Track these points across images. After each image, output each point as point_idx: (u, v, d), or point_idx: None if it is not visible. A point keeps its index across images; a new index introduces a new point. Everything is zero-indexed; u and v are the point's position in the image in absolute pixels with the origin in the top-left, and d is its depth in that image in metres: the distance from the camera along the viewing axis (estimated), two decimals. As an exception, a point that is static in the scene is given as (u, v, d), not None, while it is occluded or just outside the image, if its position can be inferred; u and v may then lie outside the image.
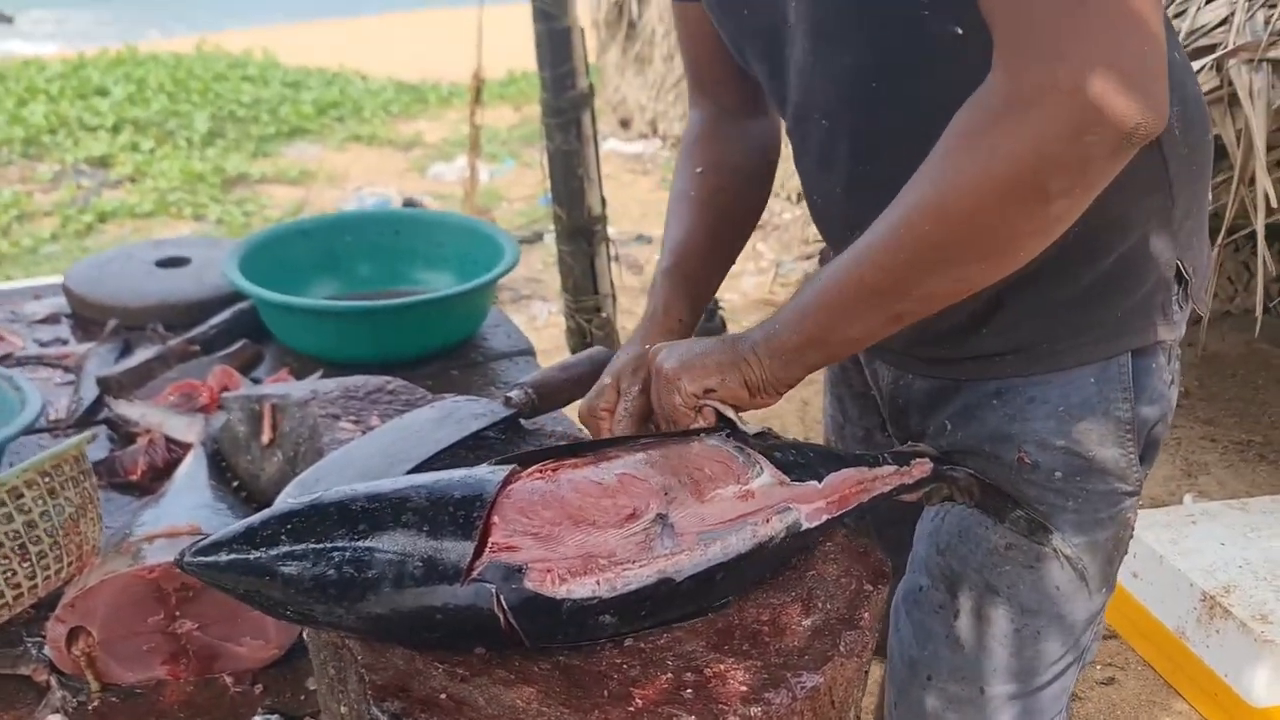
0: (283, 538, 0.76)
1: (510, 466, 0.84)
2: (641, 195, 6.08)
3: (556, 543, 0.80)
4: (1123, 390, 1.02)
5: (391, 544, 0.76)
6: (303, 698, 1.00)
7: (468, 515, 0.78)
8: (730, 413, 0.95)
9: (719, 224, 1.18)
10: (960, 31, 0.89)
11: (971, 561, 1.10)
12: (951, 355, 1.07)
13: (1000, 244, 0.84)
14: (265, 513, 0.79)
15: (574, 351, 2.20)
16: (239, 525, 0.78)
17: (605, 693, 0.77)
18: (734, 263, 1.22)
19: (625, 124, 7.58)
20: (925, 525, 1.16)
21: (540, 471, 0.86)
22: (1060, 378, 1.03)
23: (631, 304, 4.31)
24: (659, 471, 0.87)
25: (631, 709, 0.76)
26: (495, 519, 0.80)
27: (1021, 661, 1.11)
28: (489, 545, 0.79)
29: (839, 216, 1.09)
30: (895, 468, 0.99)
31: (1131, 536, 1.10)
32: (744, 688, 0.78)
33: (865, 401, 1.26)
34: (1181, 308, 1.05)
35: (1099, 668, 2.41)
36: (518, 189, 6.06)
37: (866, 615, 0.87)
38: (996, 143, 0.79)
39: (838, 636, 0.84)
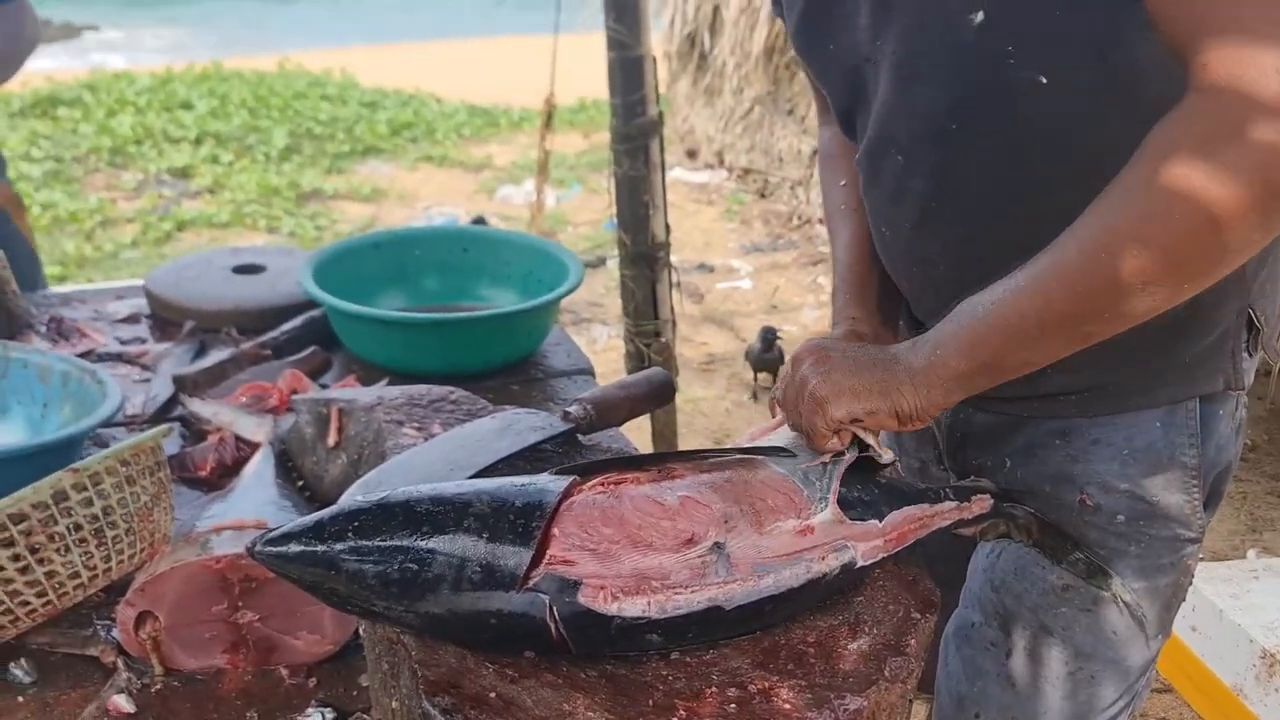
0: (349, 534, 0.79)
1: (572, 477, 0.86)
2: (705, 224, 6.11)
3: (613, 561, 0.81)
4: (1190, 435, 1.01)
5: (452, 547, 0.79)
6: (355, 693, 1.03)
7: (527, 525, 0.80)
8: (871, 440, 0.95)
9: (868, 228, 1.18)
10: (1044, 80, 0.90)
11: (1027, 600, 1.09)
12: (1016, 394, 1.06)
13: (1213, 265, 0.81)
14: (334, 508, 0.81)
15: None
16: (309, 519, 0.81)
17: (650, 702, 0.79)
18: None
19: (692, 154, 7.63)
20: (980, 561, 1.15)
21: (602, 484, 0.87)
22: (1125, 420, 1.02)
23: (691, 331, 4.33)
24: (721, 498, 0.87)
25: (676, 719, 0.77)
26: (555, 530, 0.82)
27: (1074, 705, 1.09)
28: (547, 557, 0.80)
29: (905, 251, 1.10)
30: (956, 504, 0.98)
31: (1191, 584, 1.08)
32: (788, 705, 0.79)
33: (923, 434, 1.26)
34: (1251, 355, 1.04)
35: (1153, 722, 2.36)
36: (583, 214, 6.13)
37: (913, 642, 0.87)
38: (1217, 169, 0.76)
39: (883, 661, 0.85)
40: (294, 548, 0.79)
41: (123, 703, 0.99)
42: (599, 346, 4.22)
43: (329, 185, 6.59)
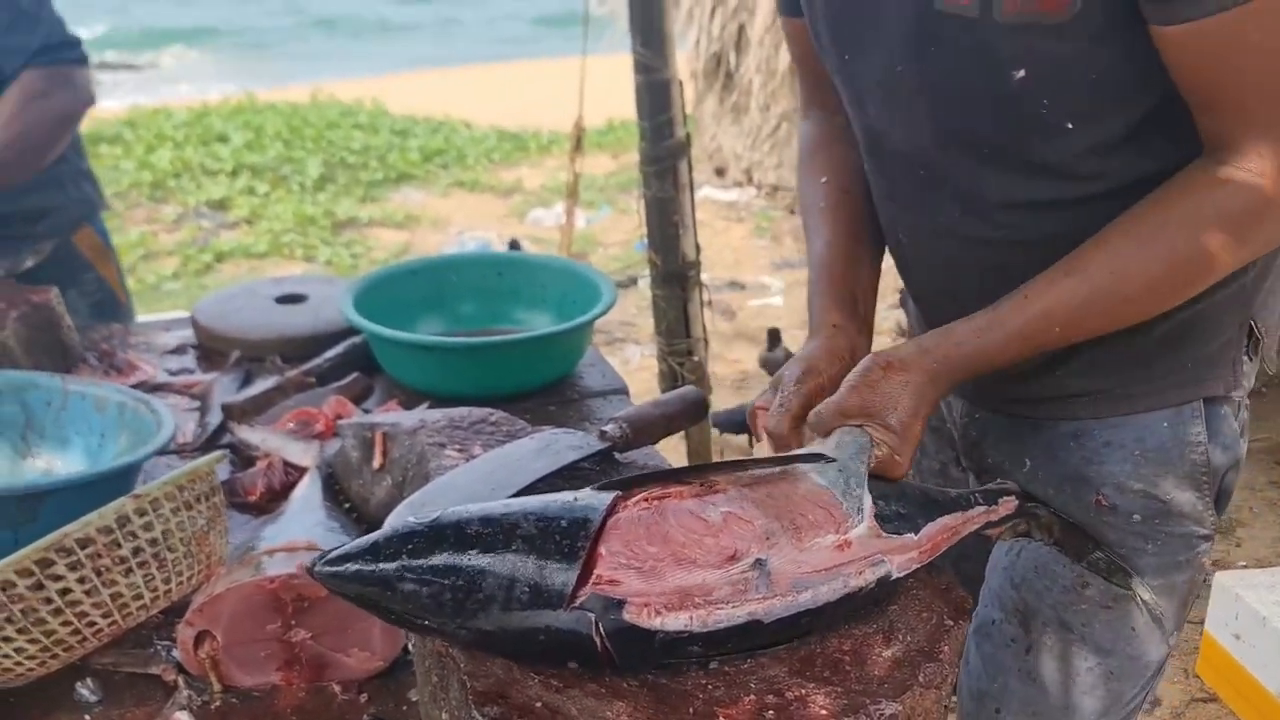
0: (404, 554, 0.82)
1: (615, 493, 0.88)
2: (735, 242, 6.15)
3: (657, 579, 0.84)
4: (1197, 434, 1.05)
5: (502, 567, 0.82)
6: (404, 708, 1.06)
7: (573, 545, 0.83)
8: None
9: (854, 225, 1.20)
10: (1070, 126, 0.96)
11: (1047, 598, 1.12)
12: (1027, 395, 1.11)
13: (1203, 286, 0.97)
14: (388, 530, 0.84)
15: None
16: (365, 540, 0.84)
17: (690, 710, 0.81)
18: (883, 257, 1.23)
19: (720, 172, 7.68)
20: (999, 559, 1.18)
21: (645, 500, 0.89)
22: (1134, 421, 1.06)
23: (723, 349, 4.36)
24: (763, 513, 0.89)
25: (716, 725, 0.80)
26: (601, 549, 0.84)
27: (1093, 700, 1.12)
28: (593, 576, 0.83)
29: (924, 259, 1.14)
30: (985, 508, 1.00)
31: (1204, 580, 1.12)
32: (824, 712, 0.81)
33: (940, 435, 1.29)
34: (1250, 360, 1.08)
35: (1198, 731, 2.34)
36: (613, 235, 6.19)
37: (946, 649, 0.89)
38: (1244, 238, 0.91)
39: (917, 668, 0.87)
40: (351, 568, 0.82)
41: (184, 719, 1.03)
42: (632, 366, 4.26)
43: (363, 213, 6.69)
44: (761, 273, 5.56)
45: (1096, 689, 1.12)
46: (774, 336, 3.95)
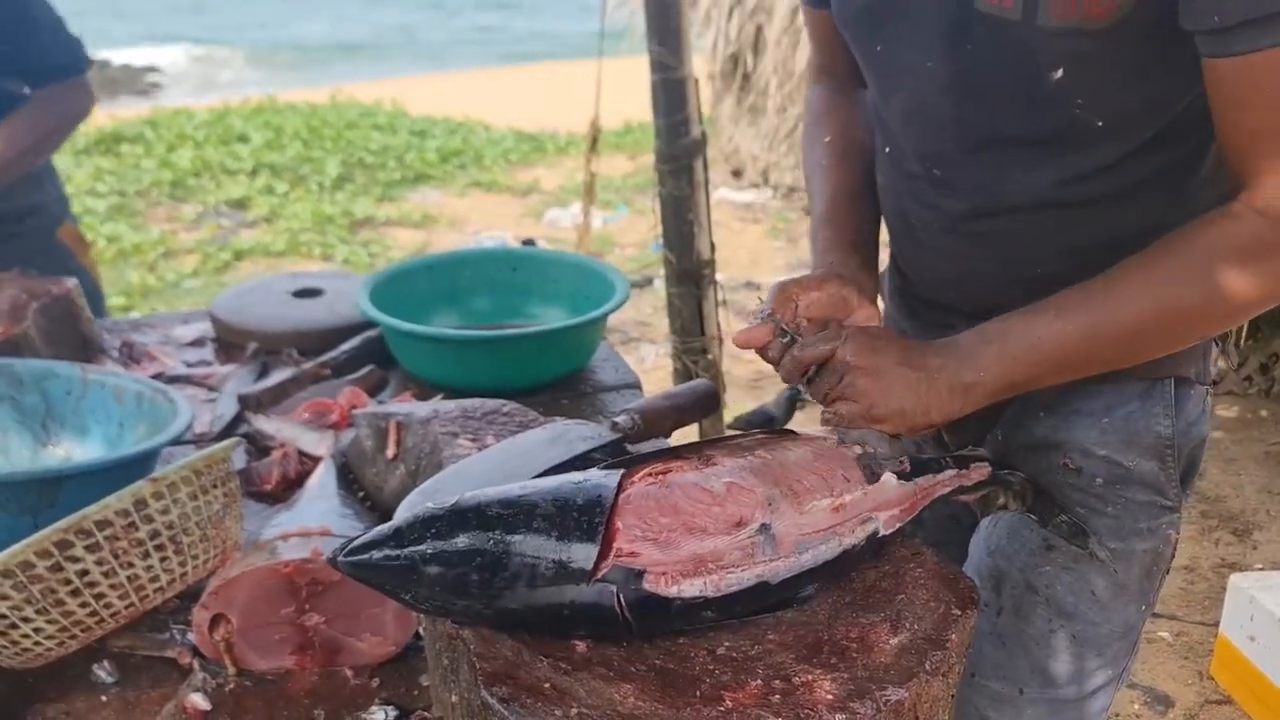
0: (428, 539, 0.83)
1: (621, 471, 0.91)
2: (751, 243, 6.15)
3: (673, 548, 0.87)
4: (1165, 407, 1.10)
5: (526, 546, 0.83)
6: (415, 692, 1.07)
7: (591, 521, 0.85)
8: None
9: (857, 183, 1.22)
10: (1100, 124, 0.98)
11: (1016, 561, 1.16)
12: None
13: (1226, 326, 1.02)
14: (410, 516, 0.85)
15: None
16: (387, 527, 0.85)
17: (698, 693, 0.82)
18: (875, 218, 1.23)
19: (737, 174, 7.68)
20: (979, 534, 1.22)
21: (650, 475, 0.92)
22: (1107, 391, 1.11)
23: (738, 349, 4.35)
24: (763, 481, 0.93)
25: (722, 709, 0.80)
26: (617, 524, 0.87)
27: (1057, 665, 1.15)
28: (613, 550, 0.85)
29: (937, 252, 1.16)
30: (956, 471, 1.05)
31: (1174, 556, 1.15)
32: (830, 696, 0.82)
33: None
34: (1220, 351, 1.14)
35: (1212, 733, 2.33)
36: (629, 235, 6.20)
37: (954, 638, 0.90)
38: (1262, 276, 0.92)
39: (924, 655, 0.87)
40: (376, 555, 0.83)
41: (199, 701, 1.04)
42: (647, 365, 4.27)
43: (381, 213, 6.73)
44: (777, 274, 5.56)
45: (1062, 654, 1.15)
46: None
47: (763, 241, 6.19)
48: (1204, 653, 2.58)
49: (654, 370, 4.17)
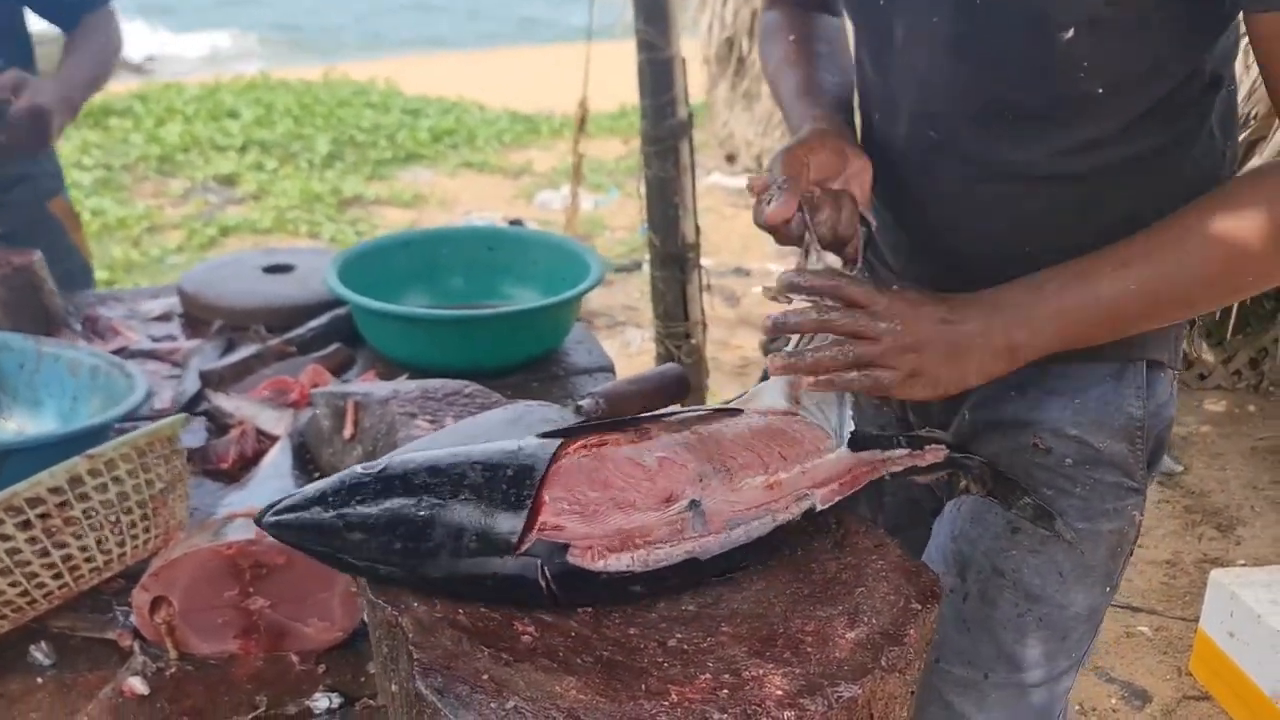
0: (352, 504, 0.83)
1: (558, 441, 0.89)
2: (742, 229, 6.10)
3: (599, 522, 0.86)
4: (1137, 390, 1.09)
5: (451, 516, 0.83)
6: (362, 680, 1.04)
7: (519, 494, 0.84)
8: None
9: (824, 70, 1.20)
10: (1100, 91, 0.96)
11: (980, 545, 1.14)
12: None
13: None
14: (336, 479, 0.85)
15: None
16: (312, 489, 0.84)
17: (643, 687, 0.79)
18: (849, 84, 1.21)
19: (731, 159, 7.63)
20: (943, 518, 1.20)
21: (585, 447, 0.90)
22: (1079, 372, 1.09)
23: (725, 335, 4.32)
24: (696, 457, 0.91)
25: (667, 704, 0.77)
26: (545, 497, 0.85)
27: (1025, 650, 1.14)
28: (538, 523, 0.84)
29: (932, 219, 1.14)
30: (908, 451, 1.02)
31: (1137, 538, 1.14)
32: (780, 692, 0.79)
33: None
34: (1189, 337, 1.12)
35: (1188, 729, 2.31)
36: (620, 218, 6.15)
37: (912, 633, 0.87)
38: None
39: (881, 651, 0.84)
40: (298, 516, 0.83)
41: (137, 685, 1.01)
42: (633, 350, 4.23)
43: (370, 191, 6.67)
44: (767, 260, 5.52)
45: (1029, 638, 1.13)
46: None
47: (753, 227, 6.14)
48: (1183, 648, 2.56)
49: (639, 355, 4.13)
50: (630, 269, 5.06)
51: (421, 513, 0.82)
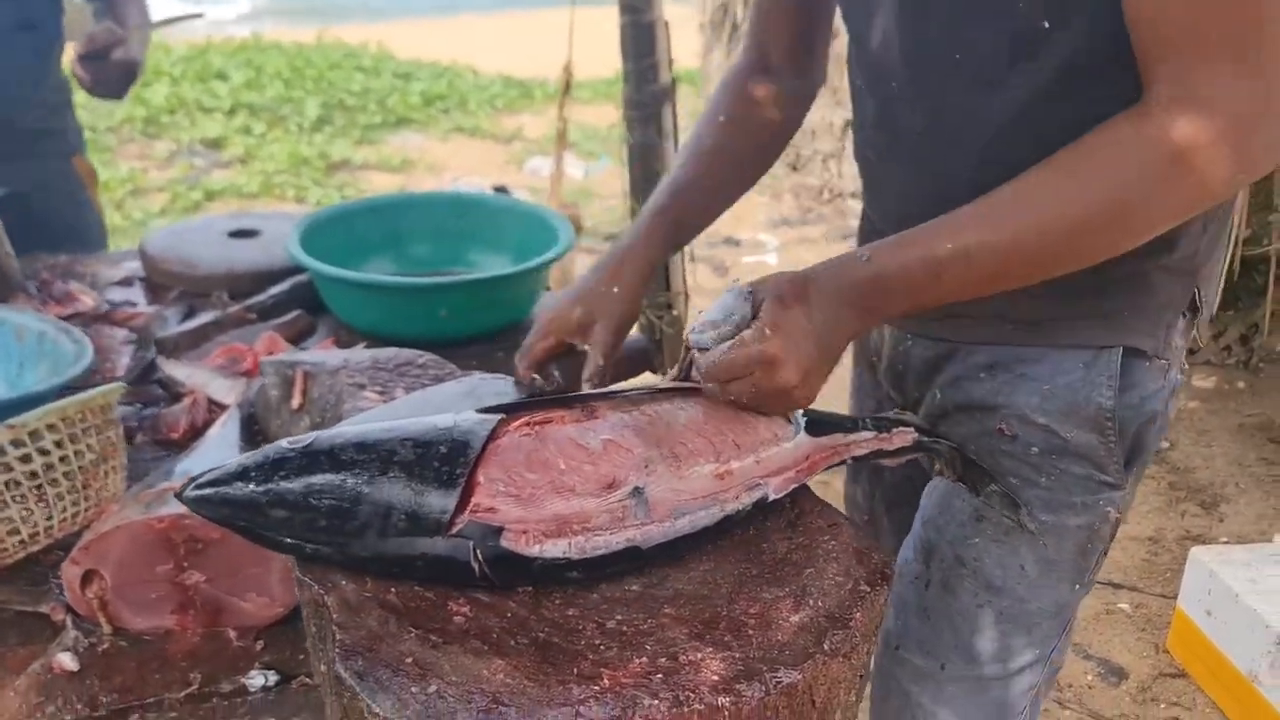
0: (275, 479, 0.80)
1: (497, 418, 0.85)
2: (734, 198, 6.05)
3: (535, 506, 0.82)
4: (1109, 379, 1.02)
5: (378, 494, 0.80)
6: (301, 657, 1.01)
7: (452, 472, 0.81)
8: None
9: (723, 175, 1.22)
10: (1046, 26, 0.90)
11: (946, 532, 1.11)
12: (958, 310, 1.05)
13: (1136, 241, 0.90)
14: (260, 453, 0.82)
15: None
16: (234, 464, 0.81)
17: (575, 670, 0.76)
18: (720, 213, 1.26)
19: (725, 127, 7.55)
20: (922, 501, 1.17)
21: (527, 424, 0.87)
22: (1052, 357, 1.04)
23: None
24: (643, 441, 0.88)
25: (597, 688, 0.74)
26: (480, 477, 0.82)
27: (982, 642, 1.11)
28: (471, 505, 0.81)
29: (891, 175, 1.11)
30: (874, 434, 0.99)
31: (1113, 535, 1.09)
32: (715, 677, 0.76)
33: (876, 372, 1.28)
34: (1187, 331, 1.06)
35: (1163, 706, 2.30)
36: (610, 186, 6.07)
37: (858, 616, 0.84)
38: (1174, 178, 0.84)
39: (824, 635, 0.82)
40: (220, 492, 0.80)
41: (67, 661, 0.98)
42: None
43: (359, 156, 6.60)
44: (758, 230, 5.48)
45: (986, 630, 1.10)
46: None
47: (746, 197, 6.08)
48: (1162, 625, 2.55)
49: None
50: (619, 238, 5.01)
51: (348, 489, 0.79)
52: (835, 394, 1.11)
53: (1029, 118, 0.95)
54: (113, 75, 1.87)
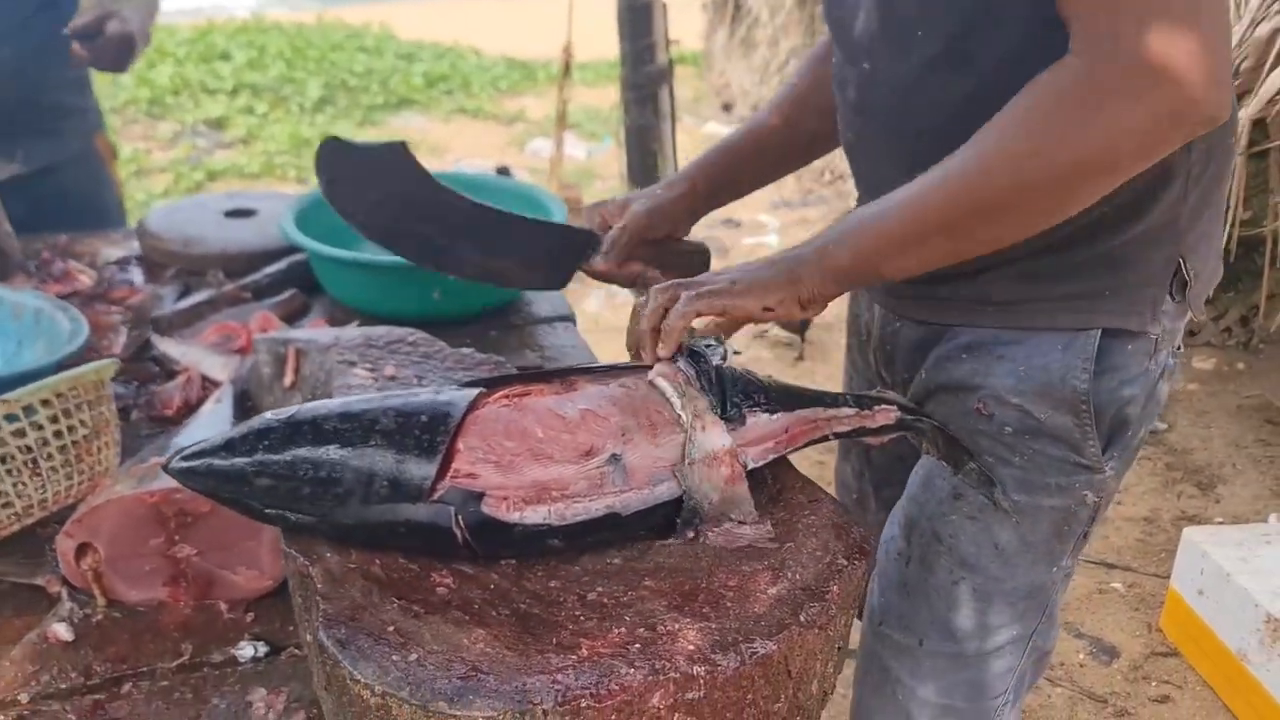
0: (260, 450, 0.82)
1: (477, 390, 0.88)
2: (735, 179, 6.04)
3: (515, 473, 0.84)
4: (1084, 361, 1.03)
5: (360, 462, 0.82)
6: (290, 629, 1.03)
7: (432, 440, 0.83)
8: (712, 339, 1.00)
9: (762, 160, 1.31)
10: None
11: (926, 509, 1.13)
12: (936, 295, 1.10)
13: (1067, 203, 0.90)
14: (244, 426, 0.84)
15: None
16: (219, 436, 0.83)
17: (554, 640, 0.78)
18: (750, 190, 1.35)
19: (728, 107, 7.54)
20: (909, 479, 1.19)
21: (507, 397, 0.89)
22: (1030, 339, 1.05)
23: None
24: (620, 410, 0.89)
25: (575, 657, 0.76)
26: (460, 445, 0.84)
27: (958, 619, 1.12)
28: (451, 471, 0.83)
29: (866, 153, 1.14)
30: (855, 410, 1.00)
31: (1093, 519, 1.10)
32: (692, 647, 0.78)
33: (868, 352, 1.29)
34: (1175, 303, 1.04)
35: (1154, 684, 2.32)
36: (612, 168, 6.05)
37: (835, 589, 0.86)
38: (1082, 123, 0.84)
39: (800, 607, 0.83)
40: (206, 462, 0.82)
41: (61, 631, 1.00)
42: (617, 301, 4.20)
43: (361, 136, 6.59)
44: (759, 211, 5.47)
45: (963, 607, 1.12)
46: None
47: (748, 178, 6.08)
48: (1155, 605, 2.57)
49: (625, 306, 4.11)
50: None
51: (331, 457, 0.81)
52: (833, 375, 1.12)
53: (994, 90, 0.94)
54: (109, 49, 1.86)
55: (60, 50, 1.95)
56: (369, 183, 1.29)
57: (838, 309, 1.24)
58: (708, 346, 0.98)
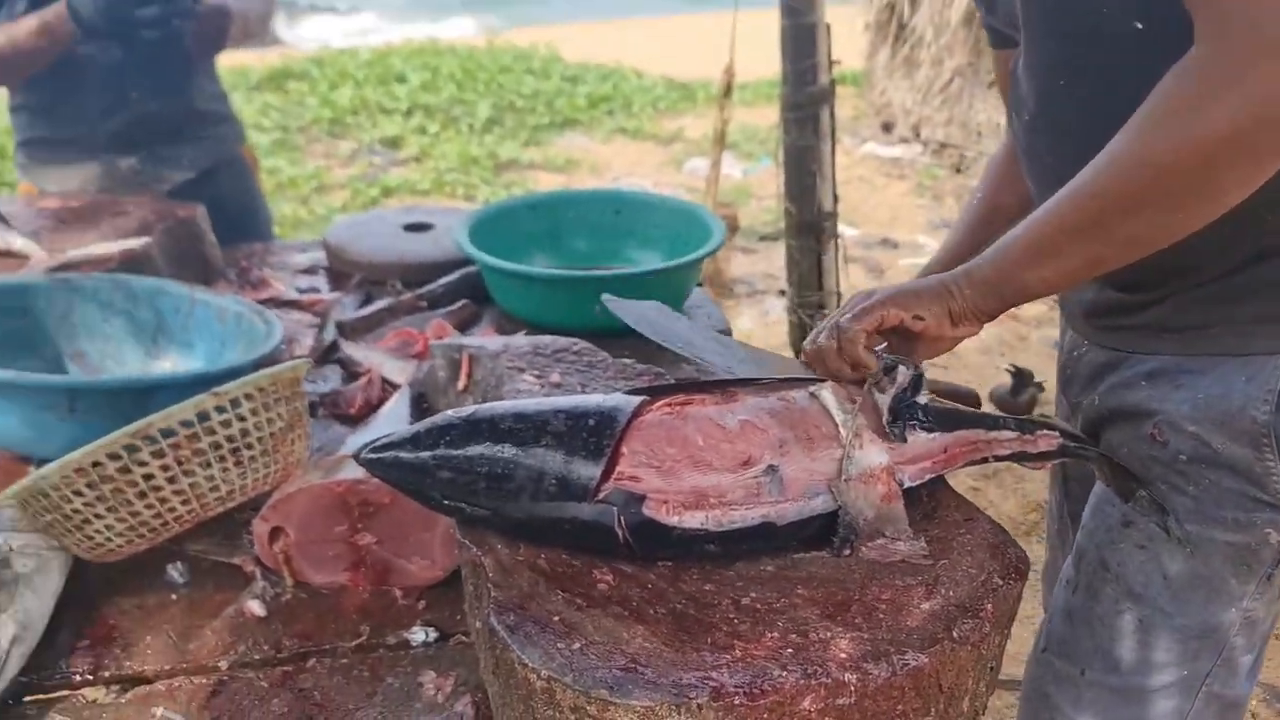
0: (441, 445, 0.88)
1: (642, 398, 0.92)
2: (893, 199, 5.96)
3: (675, 478, 0.87)
4: (1266, 393, 0.98)
5: (532, 460, 0.87)
6: (458, 617, 1.10)
7: (599, 443, 0.87)
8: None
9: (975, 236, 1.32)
10: (1140, 27, 0.92)
11: (1095, 537, 1.11)
12: (1123, 323, 1.09)
13: (1207, 197, 0.86)
14: (427, 422, 0.90)
15: (797, 349, 2.20)
16: (407, 430, 0.89)
17: (709, 640, 0.81)
18: None
19: (887, 127, 7.44)
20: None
21: (669, 405, 0.92)
22: (1215, 368, 1.02)
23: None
24: (778, 423, 0.92)
25: (729, 657, 0.79)
26: (624, 449, 0.88)
27: (1121, 650, 1.09)
28: (616, 473, 0.87)
29: (1036, 175, 1.13)
30: (1017, 434, 1.00)
31: (1277, 562, 1.04)
32: (844, 655, 0.79)
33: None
34: None
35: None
36: (768, 187, 6.08)
37: (989, 607, 0.86)
38: (1209, 106, 0.81)
39: (954, 622, 0.84)
40: (392, 455, 0.88)
41: (256, 608, 1.09)
42: (770, 319, 4.21)
43: (526, 156, 6.81)
44: (917, 231, 5.38)
45: (1125, 638, 1.09)
46: (1021, 377, 3.23)
47: (905, 199, 5.99)
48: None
49: (778, 324, 4.11)
50: (775, 238, 5.02)
51: (505, 455, 0.87)
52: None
53: (1120, 97, 0.94)
54: (207, 20, 1.95)
55: (204, 58, 2.08)
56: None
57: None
58: (898, 367, 0.98)
